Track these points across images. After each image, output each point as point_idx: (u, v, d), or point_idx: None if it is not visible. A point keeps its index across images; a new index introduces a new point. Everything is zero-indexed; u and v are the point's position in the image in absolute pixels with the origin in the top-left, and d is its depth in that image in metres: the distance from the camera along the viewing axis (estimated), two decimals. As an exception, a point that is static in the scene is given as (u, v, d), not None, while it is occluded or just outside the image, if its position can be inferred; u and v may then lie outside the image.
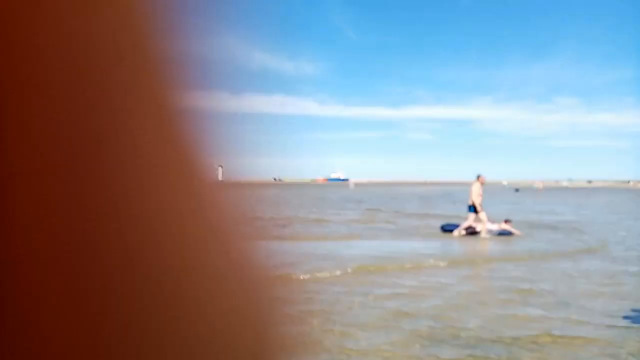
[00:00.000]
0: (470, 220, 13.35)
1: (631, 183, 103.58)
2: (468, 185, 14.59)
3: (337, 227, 14.92)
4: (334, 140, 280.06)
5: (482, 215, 13.23)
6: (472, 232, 13.29)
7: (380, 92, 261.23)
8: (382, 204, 28.35)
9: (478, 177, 13.95)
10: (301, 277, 6.79)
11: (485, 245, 11.84)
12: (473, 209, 13.33)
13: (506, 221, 13.56)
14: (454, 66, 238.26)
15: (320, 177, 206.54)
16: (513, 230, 13.27)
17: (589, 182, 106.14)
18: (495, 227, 13.51)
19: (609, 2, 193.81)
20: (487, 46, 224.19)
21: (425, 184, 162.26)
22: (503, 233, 13.31)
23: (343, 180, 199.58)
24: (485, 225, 13.16)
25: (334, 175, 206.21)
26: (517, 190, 64.73)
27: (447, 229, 14.02)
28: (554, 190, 72.77)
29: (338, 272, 7.50)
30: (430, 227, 14.71)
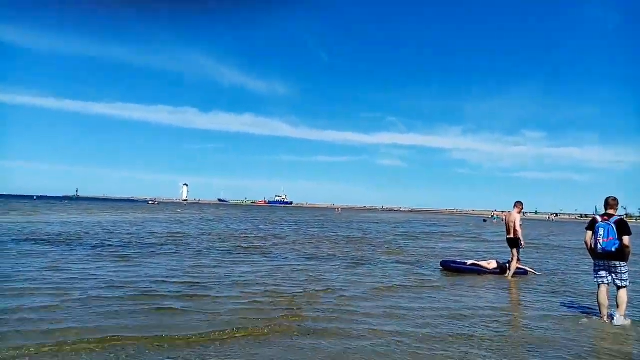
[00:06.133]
0: (516, 257, 10.83)
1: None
2: (437, 213, 12.32)
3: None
4: (300, 163, 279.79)
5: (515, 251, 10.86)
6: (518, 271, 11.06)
7: (352, 116, 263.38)
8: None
9: (518, 204, 11.03)
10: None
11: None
12: (517, 243, 10.71)
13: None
14: (426, 95, 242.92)
15: (261, 199, 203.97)
16: (528, 268, 11.50)
17: (556, 215, 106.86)
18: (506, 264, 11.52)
19: (575, 36, 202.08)
20: (458, 76, 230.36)
21: (396, 210, 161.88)
22: (518, 272, 11.17)
23: (286, 203, 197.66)
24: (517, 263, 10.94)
25: (277, 198, 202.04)
26: (485, 220, 64.62)
27: (449, 265, 11.78)
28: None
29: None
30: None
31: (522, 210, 11.12)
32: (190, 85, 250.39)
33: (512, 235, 10.78)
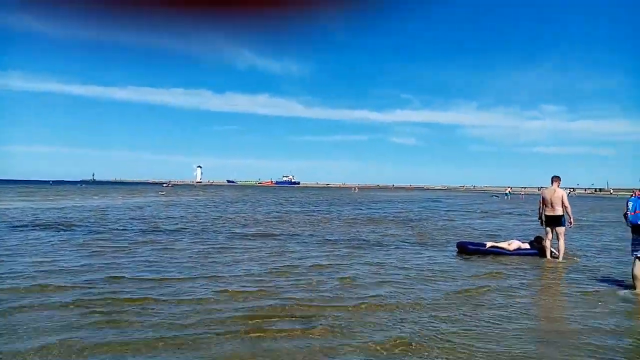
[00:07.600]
0: (563, 236, 9.78)
1: (611, 190, 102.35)
2: (452, 190, 11.08)
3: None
4: (312, 143, 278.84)
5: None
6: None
7: (366, 94, 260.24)
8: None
9: (556, 178, 10.08)
10: None
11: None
12: (560, 221, 9.75)
13: (537, 239, 10.47)
14: (441, 70, 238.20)
15: (266, 180, 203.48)
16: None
17: (573, 189, 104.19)
18: (526, 245, 10.52)
19: (597, 9, 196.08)
20: (475, 50, 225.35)
21: (410, 188, 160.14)
22: (529, 253, 10.26)
23: (294, 183, 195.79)
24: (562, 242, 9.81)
25: (284, 178, 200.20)
26: (494, 196, 64.05)
27: (466, 247, 10.68)
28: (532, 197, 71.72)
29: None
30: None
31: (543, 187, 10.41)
32: (204, 67, 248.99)
33: (556, 213, 9.73)
